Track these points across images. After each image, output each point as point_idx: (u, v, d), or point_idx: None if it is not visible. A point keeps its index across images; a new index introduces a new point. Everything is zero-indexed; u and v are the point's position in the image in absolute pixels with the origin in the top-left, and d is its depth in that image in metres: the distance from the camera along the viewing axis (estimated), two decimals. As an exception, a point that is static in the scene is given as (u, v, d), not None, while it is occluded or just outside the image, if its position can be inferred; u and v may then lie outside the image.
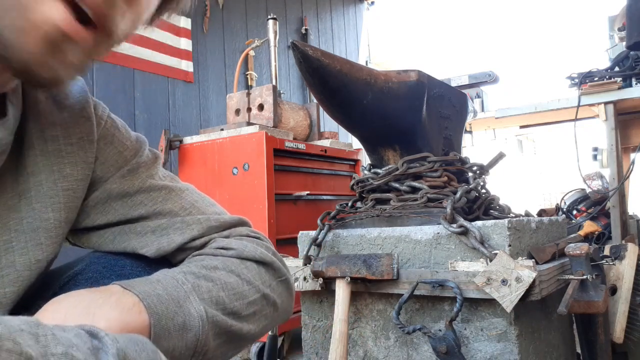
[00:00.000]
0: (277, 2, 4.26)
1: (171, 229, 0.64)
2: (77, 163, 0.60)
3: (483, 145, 3.63)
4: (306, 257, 1.08)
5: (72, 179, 0.60)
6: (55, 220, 0.58)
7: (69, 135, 0.60)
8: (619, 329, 1.18)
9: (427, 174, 1.11)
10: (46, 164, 0.58)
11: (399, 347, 1.00)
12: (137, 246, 0.63)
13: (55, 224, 0.58)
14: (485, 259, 0.87)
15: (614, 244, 1.57)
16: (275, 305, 0.64)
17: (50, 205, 0.58)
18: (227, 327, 0.56)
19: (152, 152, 0.70)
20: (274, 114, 2.15)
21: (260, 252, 0.64)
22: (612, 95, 2.13)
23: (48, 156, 0.58)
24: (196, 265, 0.58)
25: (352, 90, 1.04)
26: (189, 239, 0.63)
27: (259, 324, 0.62)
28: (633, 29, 1.93)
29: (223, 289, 0.57)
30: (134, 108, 2.88)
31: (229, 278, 0.59)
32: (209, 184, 2.06)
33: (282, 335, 1.99)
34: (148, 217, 0.64)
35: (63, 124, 0.60)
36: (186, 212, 0.66)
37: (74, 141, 0.60)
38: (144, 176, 0.66)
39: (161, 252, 0.63)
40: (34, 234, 0.57)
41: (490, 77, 2.87)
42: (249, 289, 0.60)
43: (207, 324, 0.53)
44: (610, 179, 2.20)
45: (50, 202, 0.58)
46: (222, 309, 0.56)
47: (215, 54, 3.60)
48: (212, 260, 0.60)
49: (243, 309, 0.59)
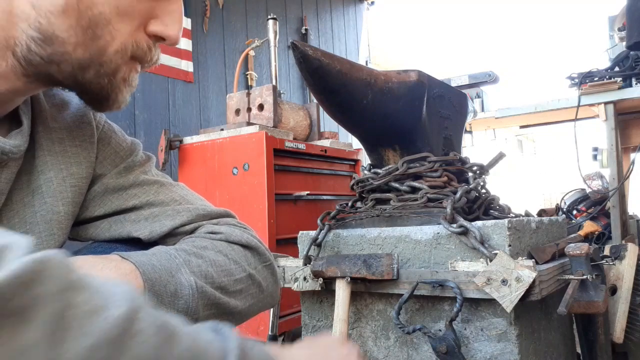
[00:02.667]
0: (277, 2, 4.26)
1: (163, 215, 0.69)
2: (82, 162, 0.68)
3: (483, 145, 3.63)
4: (306, 257, 1.08)
5: (77, 176, 0.67)
6: (65, 213, 0.65)
7: (73, 138, 0.68)
8: (619, 329, 1.18)
9: (427, 174, 1.11)
10: (54, 163, 0.65)
11: (399, 347, 1.00)
12: (131, 230, 0.69)
13: (65, 217, 0.65)
14: (485, 259, 0.87)
15: (614, 244, 1.57)
16: (260, 286, 0.69)
17: (60, 200, 0.64)
18: (215, 299, 0.61)
19: (145, 154, 0.77)
20: (274, 114, 2.15)
21: (246, 237, 0.70)
22: (612, 95, 2.13)
23: (56, 156, 0.65)
24: (187, 244, 0.64)
25: (352, 90, 1.04)
26: (179, 224, 0.69)
27: (245, 301, 0.66)
28: (633, 29, 1.93)
29: (211, 266, 0.63)
30: (134, 108, 2.88)
31: (217, 257, 0.64)
32: (209, 184, 2.06)
33: (282, 335, 1.99)
34: (141, 207, 0.70)
35: (67, 127, 0.68)
36: (176, 203, 0.71)
37: (78, 143, 0.68)
38: (138, 172, 0.72)
39: (154, 234, 0.68)
40: (47, 225, 0.63)
41: (490, 77, 2.87)
42: (235, 268, 0.65)
43: (196, 293, 0.58)
44: (610, 179, 2.20)
45: (60, 196, 0.64)
46: (211, 283, 0.61)
47: (215, 54, 3.60)
48: (202, 241, 0.66)
49: (230, 285, 0.64)
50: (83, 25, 0.51)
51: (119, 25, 0.54)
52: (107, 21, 0.53)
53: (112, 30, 0.54)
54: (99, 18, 0.52)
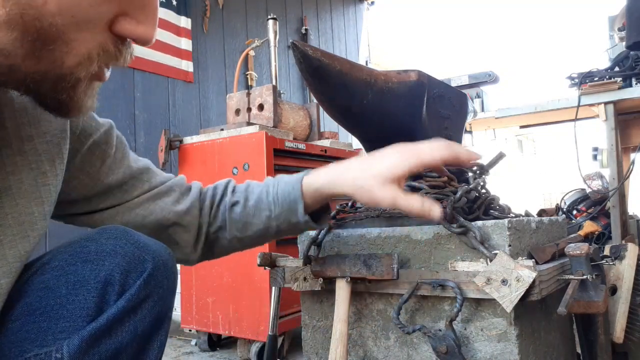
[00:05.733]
0: (277, 2, 4.26)
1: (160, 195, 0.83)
2: (55, 159, 0.65)
3: (483, 145, 3.62)
4: (306, 257, 1.08)
5: (50, 174, 0.65)
6: (39, 214, 0.63)
7: (43, 134, 0.64)
8: (619, 329, 1.18)
9: (427, 174, 1.11)
10: (24, 162, 0.62)
11: (399, 347, 1.00)
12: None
13: (39, 217, 0.63)
14: (485, 259, 0.87)
15: (614, 244, 1.57)
16: None
17: (32, 200, 0.62)
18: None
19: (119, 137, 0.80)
20: (274, 114, 2.15)
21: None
22: (612, 95, 2.13)
23: (25, 155, 0.62)
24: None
25: (352, 90, 1.04)
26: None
27: None
28: (633, 29, 1.93)
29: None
30: (134, 108, 2.88)
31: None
32: (209, 183, 2.06)
33: (282, 335, 1.99)
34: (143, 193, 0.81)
35: (36, 123, 0.64)
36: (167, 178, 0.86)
37: (48, 139, 0.65)
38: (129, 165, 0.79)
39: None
40: (20, 228, 0.60)
41: (490, 77, 2.87)
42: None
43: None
44: (610, 179, 2.20)
45: (33, 197, 0.62)
46: None
47: (215, 54, 3.60)
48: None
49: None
50: (30, 39, 0.46)
51: (78, 34, 0.48)
52: (60, 33, 0.47)
53: (68, 42, 0.48)
54: (49, 30, 0.46)
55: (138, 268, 0.60)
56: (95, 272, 0.59)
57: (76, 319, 0.57)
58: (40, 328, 0.57)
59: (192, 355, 2.16)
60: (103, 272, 0.59)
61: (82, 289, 0.58)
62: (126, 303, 0.58)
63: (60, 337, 0.56)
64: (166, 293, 0.63)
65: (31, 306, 0.59)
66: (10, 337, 0.57)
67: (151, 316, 0.60)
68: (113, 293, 0.58)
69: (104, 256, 0.60)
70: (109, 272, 0.59)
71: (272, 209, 0.86)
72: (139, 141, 2.89)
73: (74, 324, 0.56)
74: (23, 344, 0.57)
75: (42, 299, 0.59)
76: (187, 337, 2.39)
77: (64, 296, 0.58)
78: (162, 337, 0.64)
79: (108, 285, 0.58)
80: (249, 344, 2.03)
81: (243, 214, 0.88)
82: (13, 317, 0.59)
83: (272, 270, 1.14)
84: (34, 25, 0.45)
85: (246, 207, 0.88)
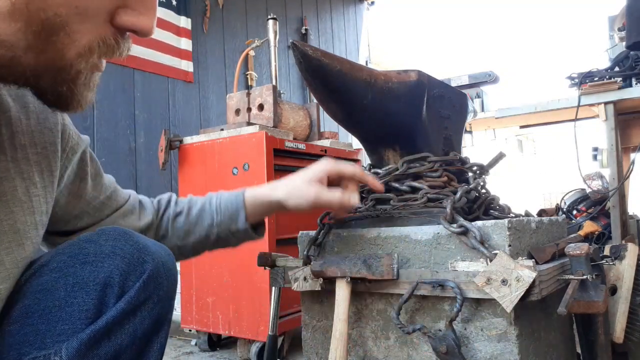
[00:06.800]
0: (277, 2, 4.26)
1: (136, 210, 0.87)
2: (43, 171, 0.65)
3: (483, 145, 3.62)
4: (306, 257, 1.08)
5: (40, 185, 0.64)
6: (32, 223, 0.62)
7: (35, 144, 0.64)
8: (619, 329, 1.18)
9: (427, 174, 1.11)
10: (17, 171, 0.61)
11: (399, 347, 1.00)
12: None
13: (32, 227, 0.62)
14: (485, 259, 0.87)
15: (614, 244, 1.57)
16: None
17: (26, 209, 0.61)
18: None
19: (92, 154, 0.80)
20: (274, 114, 2.15)
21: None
22: (612, 95, 2.13)
23: (18, 163, 0.62)
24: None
25: (352, 90, 1.04)
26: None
27: None
28: (633, 29, 1.93)
29: None
30: (134, 108, 2.88)
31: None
32: (209, 184, 2.06)
33: (282, 335, 1.99)
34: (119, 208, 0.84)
35: (29, 132, 0.64)
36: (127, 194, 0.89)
37: (39, 150, 0.65)
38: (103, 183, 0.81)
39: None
40: (15, 235, 0.60)
41: (490, 77, 2.87)
42: None
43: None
44: (610, 179, 2.20)
45: (26, 206, 0.62)
46: None
47: (215, 54, 3.60)
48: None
49: None
50: (34, 30, 0.45)
51: (80, 26, 0.48)
52: (63, 23, 0.46)
53: (70, 33, 0.47)
54: (54, 21, 0.46)
55: (137, 269, 0.59)
56: (94, 274, 0.58)
57: (75, 322, 0.56)
58: (38, 331, 0.56)
59: (192, 355, 2.16)
60: (102, 274, 0.58)
61: (81, 291, 0.58)
62: (125, 305, 0.57)
63: (59, 340, 0.55)
64: (166, 295, 0.62)
65: (29, 308, 0.58)
66: (9, 340, 0.57)
67: (151, 318, 0.60)
68: (112, 295, 0.58)
69: (103, 258, 0.59)
70: (108, 273, 0.58)
71: (214, 216, 0.91)
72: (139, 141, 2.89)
73: (72, 327, 0.56)
74: (21, 346, 0.56)
75: (40, 301, 0.58)
76: (187, 337, 2.39)
77: (63, 298, 0.57)
78: (162, 339, 0.63)
79: (107, 287, 0.58)
80: (249, 344, 2.03)
81: (186, 222, 0.91)
82: (11, 319, 0.58)
83: (272, 270, 1.14)
84: (38, 15, 0.45)
85: (189, 215, 0.92)
